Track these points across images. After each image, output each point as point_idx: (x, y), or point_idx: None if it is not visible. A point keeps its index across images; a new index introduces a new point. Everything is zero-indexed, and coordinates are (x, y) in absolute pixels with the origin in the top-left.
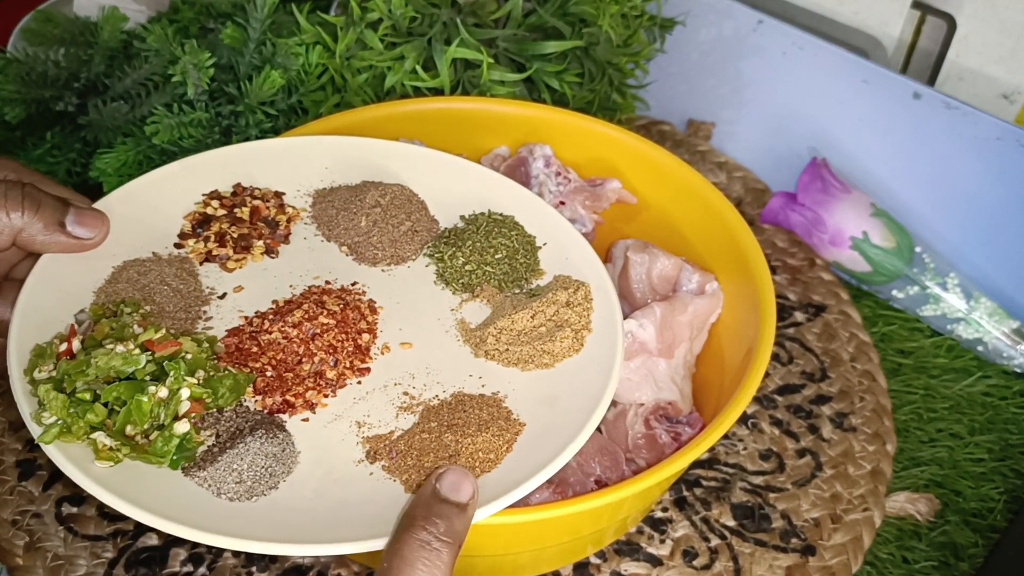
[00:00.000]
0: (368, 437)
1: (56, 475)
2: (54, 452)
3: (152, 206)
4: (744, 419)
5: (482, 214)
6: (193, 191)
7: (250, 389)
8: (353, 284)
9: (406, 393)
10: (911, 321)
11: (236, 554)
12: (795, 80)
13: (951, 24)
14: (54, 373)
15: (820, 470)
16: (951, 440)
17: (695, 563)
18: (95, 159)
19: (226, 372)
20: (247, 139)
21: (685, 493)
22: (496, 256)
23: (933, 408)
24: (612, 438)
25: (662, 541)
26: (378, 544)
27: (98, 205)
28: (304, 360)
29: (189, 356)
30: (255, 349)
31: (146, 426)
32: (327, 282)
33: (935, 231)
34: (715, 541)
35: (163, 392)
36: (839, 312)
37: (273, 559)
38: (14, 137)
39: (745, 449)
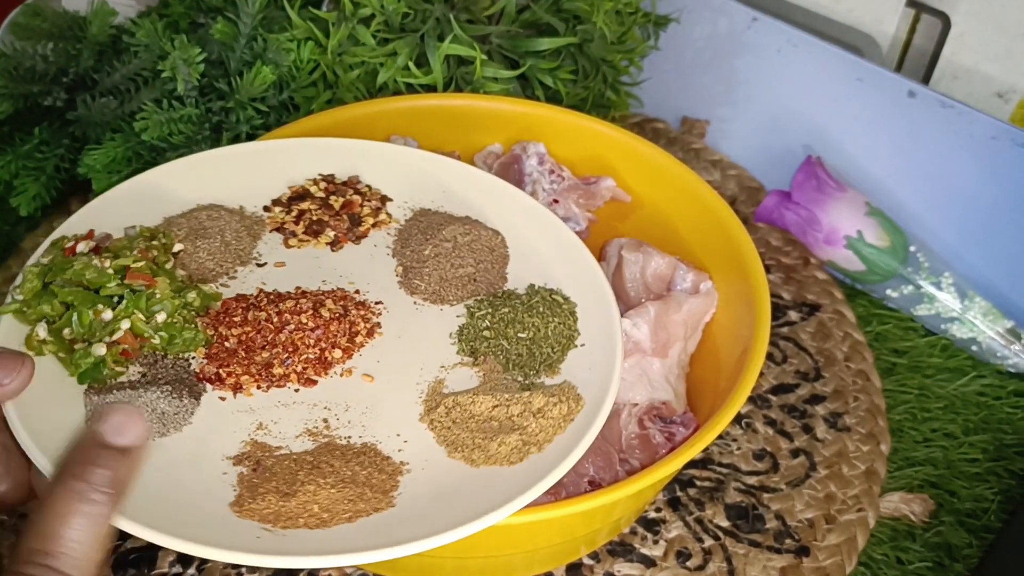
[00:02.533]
0: (256, 441)
1: None
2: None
3: (276, 165)
4: (738, 419)
5: (543, 288)
6: (319, 169)
7: (203, 349)
8: (377, 303)
9: (325, 420)
10: (905, 320)
11: None
12: (789, 78)
13: (946, 22)
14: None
15: (814, 470)
16: (945, 440)
17: (688, 564)
18: (84, 155)
19: (191, 326)
20: (237, 136)
21: (679, 493)
22: (520, 334)
23: (927, 408)
24: (606, 438)
25: (655, 542)
26: (178, 544)
27: (266, 138)
28: (265, 348)
29: (157, 295)
30: (237, 319)
31: (81, 336)
32: (356, 291)
33: (930, 230)
34: (709, 542)
35: (107, 314)
36: (833, 311)
37: None
38: (1, 132)
39: (739, 449)
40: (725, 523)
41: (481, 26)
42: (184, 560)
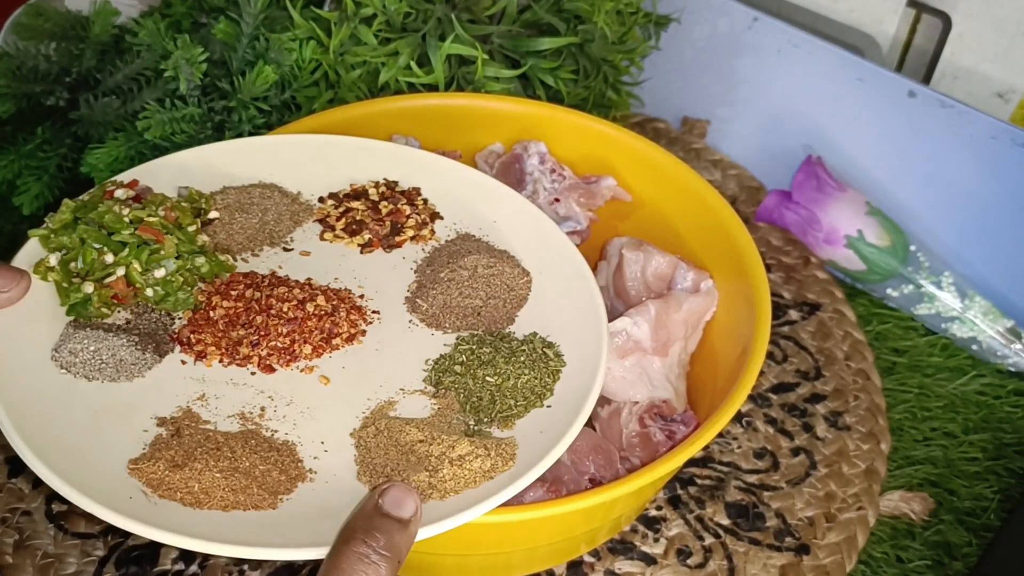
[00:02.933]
0: (190, 410)
1: None
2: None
3: (349, 161)
4: (738, 417)
5: (541, 339)
6: (388, 173)
7: (190, 312)
8: (374, 312)
9: (263, 409)
10: (905, 320)
11: None
12: (790, 78)
13: (946, 22)
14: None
15: (814, 469)
16: (945, 439)
17: (689, 562)
18: (86, 154)
19: (187, 288)
20: (239, 135)
21: (679, 491)
22: (488, 378)
23: (927, 407)
24: (606, 436)
25: (656, 540)
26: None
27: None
28: (242, 326)
29: (161, 251)
30: (233, 293)
31: (82, 272)
32: (361, 296)
33: (930, 230)
34: (709, 540)
35: (109, 257)
36: (833, 311)
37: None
38: (4, 132)
39: (739, 448)
40: (725, 521)
41: (482, 26)
42: (186, 558)
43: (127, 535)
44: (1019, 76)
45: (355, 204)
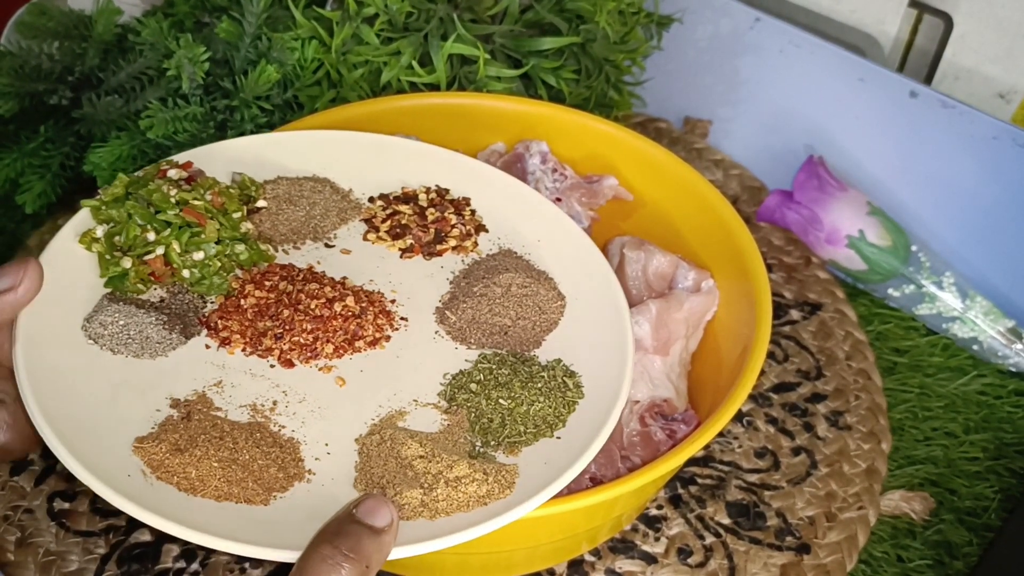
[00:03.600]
0: (204, 395)
1: (48, 471)
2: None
3: (403, 164)
4: (739, 417)
5: (564, 367)
6: (441, 180)
7: (222, 297)
8: (402, 319)
9: (275, 403)
10: (907, 320)
11: None
12: (792, 78)
13: (948, 23)
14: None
15: (815, 468)
16: (946, 439)
17: (690, 561)
18: (89, 153)
19: (223, 274)
20: (241, 134)
21: (680, 491)
22: (502, 400)
23: (928, 407)
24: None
25: (657, 539)
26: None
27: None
28: (270, 318)
29: (202, 236)
30: (267, 283)
31: (125, 246)
32: (393, 300)
33: (931, 230)
34: (710, 539)
35: (151, 235)
36: (835, 310)
37: None
38: (7, 131)
39: (740, 447)
40: (726, 520)
41: (484, 25)
42: (187, 556)
43: (128, 533)
44: (1020, 76)
45: (403, 208)
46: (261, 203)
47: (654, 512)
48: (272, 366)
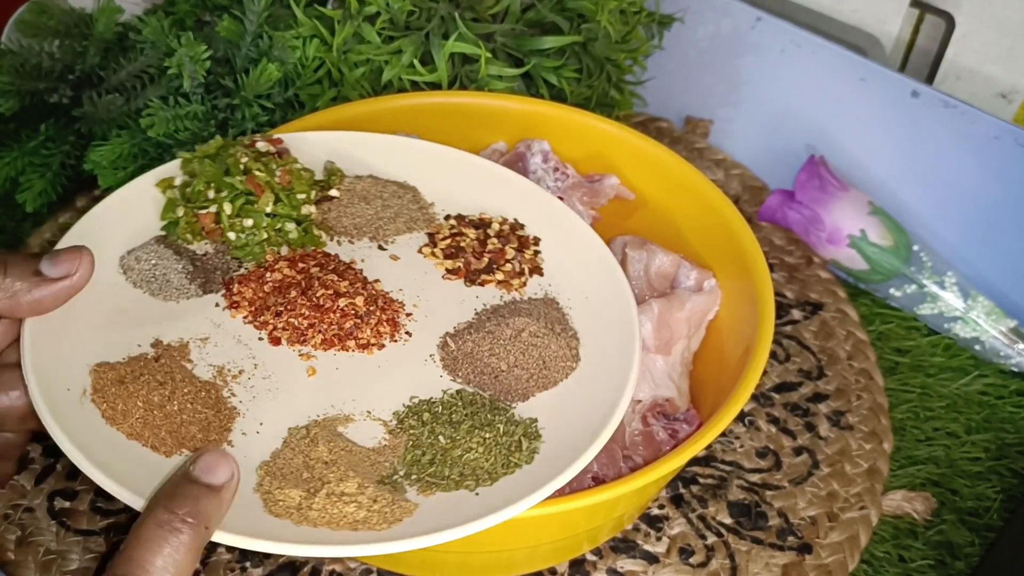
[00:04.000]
0: (185, 345)
1: (49, 469)
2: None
3: (492, 187)
4: (741, 417)
5: (530, 423)
6: (525, 216)
7: (254, 265)
8: (408, 333)
9: (240, 371)
10: (908, 320)
11: (230, 549)
12: (793, 78)
13: (950, 23)
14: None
15: (817, 468)
16: (948, 439)
17: (691, 561)
18: (90, 152)
19: (263, 246)
20: (242, 132)
21: (682, 490)
22: (439, 439)
23: (930, 407)
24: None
25: (658, 538)
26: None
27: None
28: (279, 295)
29: (255, 205)
30: (300, 266)
31: (190, 197)
32: (409, 314)
33: (933, 230)
34: (711, 539)
35: (211, 193)
36: (836, 310)
37: (267, 555)
38: (8, 129)
39: (742, 447)
40: (728, 520)
41: (486, 24)
42: None
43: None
44: (1022, 77)
45: (469, 231)
46: (334, 192)
47: (656, 512)
48: (260, 339)
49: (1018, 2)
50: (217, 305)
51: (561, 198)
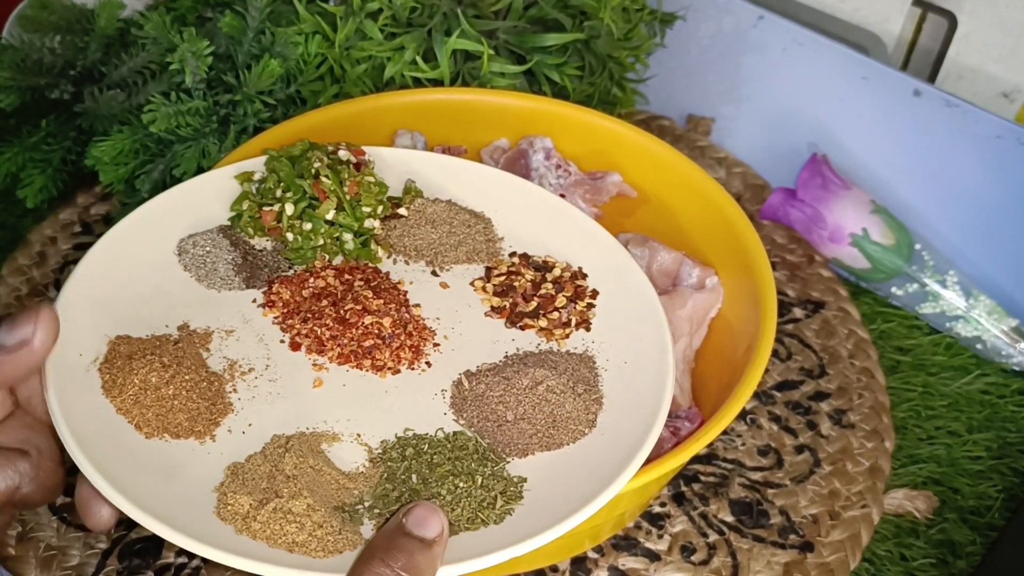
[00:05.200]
0: (206, 335)
1: None
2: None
3: (563, 230)
4: (743, 415)
5: (516, 481)
6: (589, 265)
7: (302, 268)
8: (427, 363)
9: (251, 369)
10: (910, 318)
11: None
12: (795, 76)
13: (952, 22)
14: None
15: (818, 466)
16: (949, 438)
17: (693, 559)
18: (91, 147)
19: (315, 252)
20: (244, 129)
21: (683, 488)
22: (413, 476)
23: (931, 406)
24: None
25: (660, 536)
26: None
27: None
28: (311, 304)
29: (315, 211)
30: (345, 277)
31: (261, 192)
32: (437, 344)
33: (935, 229)
34: (713, 537)
35: (278, 192)
36: (838, 309)
37: None
38: (8, 125)
39: (743, 445)
40: (729, 518)
41: (488, 21)
42: (188, 552)
43: (130, 528)
44: None
45: (528, 273)
46: (402, 211)
47: (657, 509)
48: (282, 342)
49: (1020, 1)
50: (254, 301)
51: (563, 195)
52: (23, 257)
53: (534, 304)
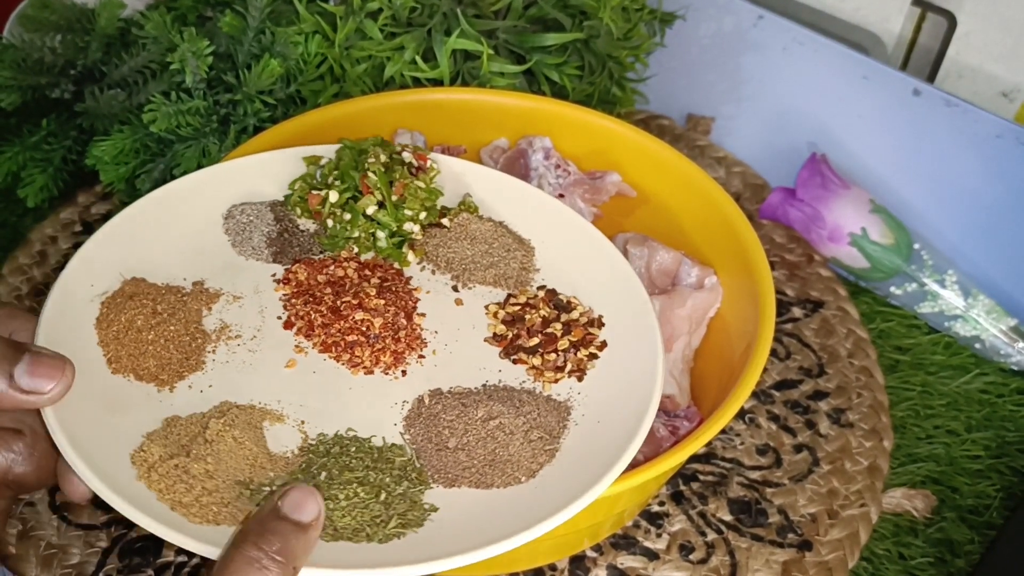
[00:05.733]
0: (215, 289)
1: None
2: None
3: (596, 276)
4: (741, 414)
5: (418, 505)
6: (614, 315)
7: (329, 256)
8: (404, 370)
9: (238, 336)
10: (909, 318)
11: None
12: (795, 76)
13: (951, 21)
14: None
15: (817, 465)
16: (948, 437)
17: (691, 557)
18: (91, 147)
19: (348, 242)
20: (244, 128)
21: (682, 487)
22: (320, 476)
23: (930, 405)
24: None
25: (659, 535)
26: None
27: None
28: (320, 291)
29: (356, 203)
30: (364, 272)
31: (322, 178)
32: (421, 356)
33: (934, 228)
34: (712, 536)
35: (330, 179)
36: (837, 308)
37: None
38: (9, 124)
39: (742, 444)
40: (728, 517)
41: (488, 21)
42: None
43: (130, 526)
44: None
45: (544, 309)
46: (444, 222)
47: (656, 508)
48: (279, 318)
49: (1020, 1)
50: (273, 275)
51: (562, 195)
52: (24, 256)
53: (536, 340)
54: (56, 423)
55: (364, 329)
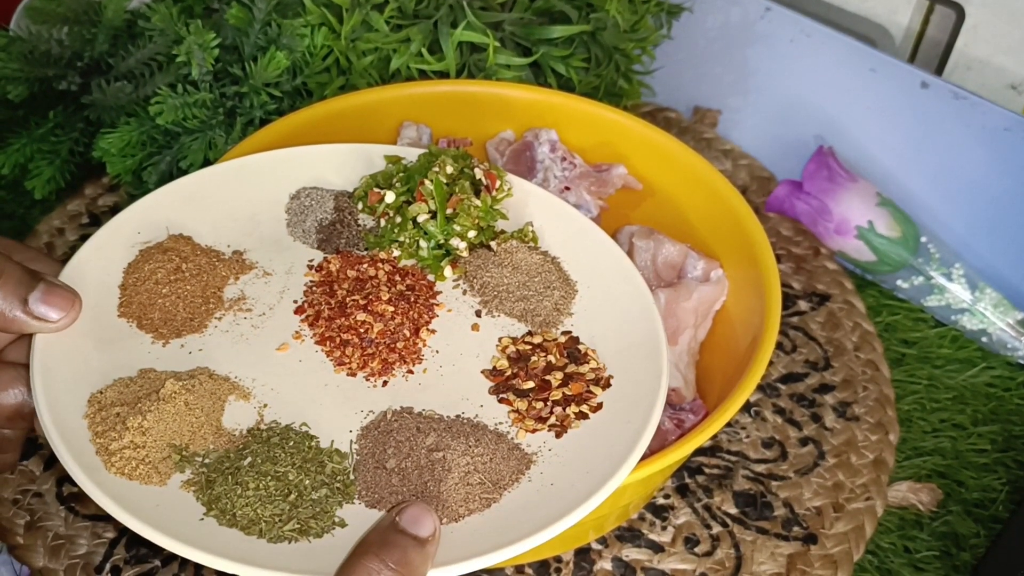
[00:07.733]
0: (243, 263)
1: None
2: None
3: (635, 342)
4: (747, 407)
5: (331, 520)
6: (631, 381)
7: (365, 254)
8: (385, 382)
9: (247, 310)
10: (915, 311)
11: None
12: (802, 68)
13: (960, 14)
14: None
15: (823, 459)
16: (954, 431)
17: (696, 550)
18: (98, 139)
19: (389, 244)
20: (251, 121)
21: (687, 480)
22: (239, 464)
23: (936, 398)
24: None
25: (664, 528)
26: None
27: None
28: (343, 283)
29: (406, 210)
30: (394, 277)
31: (390, 176)
32: (410, 371)
33: (941, 221)
34: (717, 528)
35: (398, 187)
36: (843, 301)
37: None
38: (16, 116)
39: (748, 437)
40: (733, 510)
41: (494, 13)
42: None
43: None
44: None
45: (553, 355)
46: (492, 245)
47: (661, 501)
48: (295, 302)
49: None
50: (311, 260)
51: (567, 188)
52: None
53: (530, 384)
54: (38, 346)
55: (361, 331)
